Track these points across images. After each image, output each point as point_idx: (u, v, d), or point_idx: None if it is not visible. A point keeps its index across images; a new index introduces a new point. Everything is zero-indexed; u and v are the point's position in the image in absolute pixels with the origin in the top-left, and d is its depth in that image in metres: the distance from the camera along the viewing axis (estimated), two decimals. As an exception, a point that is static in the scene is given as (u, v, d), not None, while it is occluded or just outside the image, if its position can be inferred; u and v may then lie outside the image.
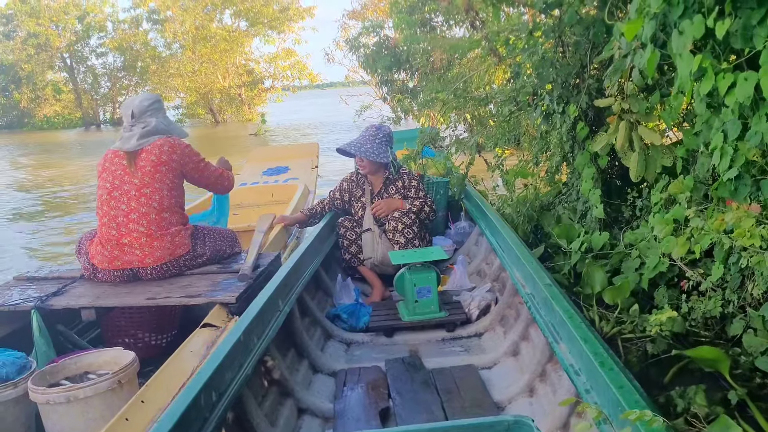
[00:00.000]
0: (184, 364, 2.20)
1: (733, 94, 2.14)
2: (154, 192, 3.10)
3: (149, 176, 3.10)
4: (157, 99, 3.30)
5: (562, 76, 3.71)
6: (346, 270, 3.94)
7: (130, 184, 3.10)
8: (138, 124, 3.18)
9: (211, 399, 1.73)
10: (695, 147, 2.92)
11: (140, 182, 3.09)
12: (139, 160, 3.13)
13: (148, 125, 3.17)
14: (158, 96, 3.37)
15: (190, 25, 30.29)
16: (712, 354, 2.31)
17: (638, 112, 3.13)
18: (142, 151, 3.14)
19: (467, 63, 7.67)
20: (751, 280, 2.44)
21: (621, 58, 2.99)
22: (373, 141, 3.87)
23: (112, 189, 3.11)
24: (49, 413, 2.20)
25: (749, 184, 2.38)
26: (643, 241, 3.14)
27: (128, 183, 3.10)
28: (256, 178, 6.35)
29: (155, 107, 3.25)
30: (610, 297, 3.05)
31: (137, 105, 3.20)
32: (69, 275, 3.26)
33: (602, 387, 1.64)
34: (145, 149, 3.14)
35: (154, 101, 3.27)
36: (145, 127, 3.17)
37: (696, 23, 2.16)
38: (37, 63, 33.96)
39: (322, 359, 2.76)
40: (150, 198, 3.09)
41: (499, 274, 3.45)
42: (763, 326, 2.40)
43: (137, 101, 3.24)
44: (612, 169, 3.82)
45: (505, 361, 2.67)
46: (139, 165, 3.12)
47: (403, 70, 11.40)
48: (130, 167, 3.11)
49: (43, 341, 2.66)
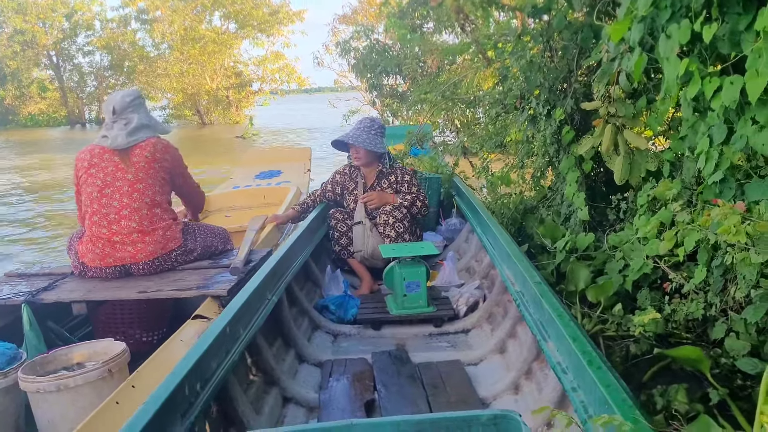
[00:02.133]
0: (175, 352, 2.21)
1: (719, 98, 2.16)
2: (147, 187, 3.12)
3: (143, 171, 3.13)
4: (138, 95, 3.32)
5: (550, 81, 3.75)
6: (336, 262, 3.96)
7: (123, 179, 3.10)
8: (120, 120, 3.19)
9: (197, 385, 1.72)
10: (682, 151, 2.97)
11: (134, 177, 3.11)
12: (132, 156, 3.14)
13: (130, 121, 3.19)
14: (139, 92, 3.38)
15: (178, 25, 30.15)
16: (694, 354, 2.33)
17: (624, 116, 3.18)
18: (135, 147, 3.16)
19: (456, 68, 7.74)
20: (734, 283, 2.47)
21: (609, 62, 3.03)
22: (369, 132, 3.90)
23: (104, 186, 3.10)
24: (39, 402, 2.20)
25: (734, 187, 2.42)
26: (627, 243, 3.18)
27: (121, 179, 3.10)
28: (249, 181, 6.39)
29: (136, 103, 3.27)
30: (593, 295, 3.07)
31: (119, 101, 3.22)
32: (60, 272, 3.28)
33: (589, 385, 1.64)
34: (139, 146, 3.16)
35: (135, 97, 3.29)
36: (127, 123, 3.18)
37: (683, 28, 2.20)
38: (22, 60, 33.59)
39: (309, 349, 2.77)
40: (143, 193, 3.11)
41: (488, 272, 3.48)
42: (746, 329, 2.43)
43: (118, 97, 3.25)
44: (596, 174, 3.86)
45: (491, 358, 2.69)
46: (132, 161, 3.13)
47: (393, 75, 11.44)
48: (123, 163, 3.12)
49: (33, 335, 2.67)
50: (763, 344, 2.37)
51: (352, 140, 3.89)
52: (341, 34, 16.75)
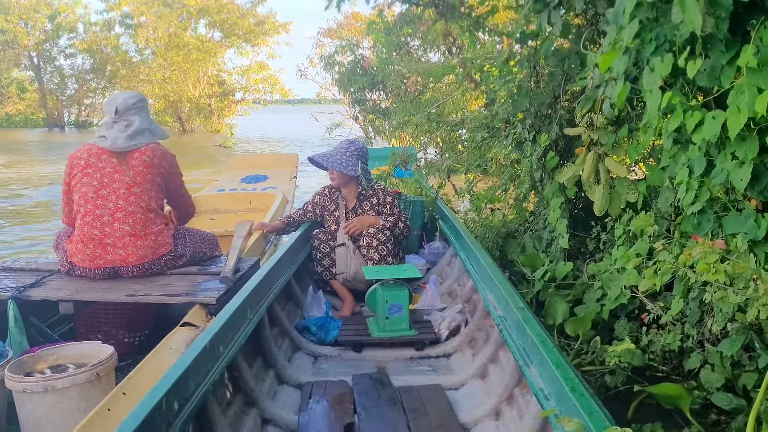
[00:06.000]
0: (164, 359, 2.22)
1: (701, 131, 2.19)
2: (143, 192, 3.12)
3: (141, 176, 3.13)
4: (142, 98, 3.33)
5: (535, 106, 3.80)
6: (318, 282, 3.94)
7: (120, 182, 3.09)
8: (121, 120, 3.18)
9: (176, 405, 1.70)
10: (659, 183, 3.01)
11: (131, 181, 3.10)
12: (130, 159, 3.14)
13: (131, 123, 3.18)
14: (144, 96, 3.40)
15: (163, 32, 30.00)
16: (674, 391, 2.34)
17: (606, 144, 3.22)
18: (134, 151, 3.16)
19: (441, 88, 7.79)
20: (710, 315, 2.51)
21: (593, 88, 3.08)
22: (344, 154, 3.90)
23: (100, 187, 3.09)
24: (24, 402, 2.20)
25: (712, 219, 2.45)
26: (606, 272, 3.21)
27: (118, 181, 3.09)
28: (234, 184, 6.40)
29: (139, 106, 3.27)
30: (572, 328, 3.10)
31: (122, 102, 3.21)
32: (47, 267, 3.26)
33: (572, 412, 1.64)
34: (138, 150, 3.16)
35: (140, 100, 3.29)
36: (128, 125, 3.17)
37: (666, 61, 2.24)
38: (2, 60, 33.09)
39: (289, 370, 2.74)
40: (139, 197, 3.11)
41: (470, 296, 3.48)
42: (721, 362, 2.46)
43: (122, 98, 3.24)
44: (578, 201, 3.91)
45: (472, 383, 2.68)
46: (131, 164, 3.13)
47: (376, 91, 11.50)
48: (121, 165, 3.11)
49: (17, 331, 2.67)
50: (737, 378, 2.40)
51: (322, 160, 3.91)
52: (326, 47, 16.81)
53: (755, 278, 2.06)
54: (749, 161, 2.10)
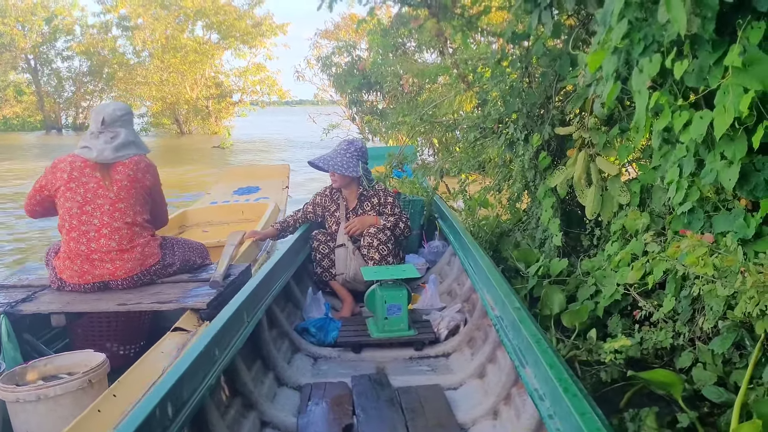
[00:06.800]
0: (155, 363, 2.25)
1: (689, 131, 2.20)
2: (127, 207, 3.12)
3: (125, 191, 3.12)
4: (129, 111, 3.33)
5: (528, 106, 3.82)
6: (317, 284, 3.96)
7: (104, 197, 3.09)
8: (107, 131, 3.17)
9: (172, 408, 1.70)
10: (652, 182, 3.04)
11: (115, 197, 3.10)
12: (114, 173, 3.13)
13: (116, 135, 3.18)
14: (130, 108, 3.40)
15: (160, 34, 29.96)
16: (667, 377, 2.36)
17: (597, 144, 3.25)
18: (117, 164, 3.15)
19: (437, 89, 7.81)
20: (702, 313, 2.54)
21: (584, 87, 3.10)
22: (344, 155, 3.92)
23: (84, 203, 3.08)
24: (17, 412, 2.22)
25: (702, 218, 2.47)
26: (600, 269, 3.23)
27: (102, 197, 3.09)
28: (227, 196, 6.39)
29: (126, 119, 3.27)
30: (568, 320, 3.12)
31: (110, 113, 3.20)
32: (38, 283, 3.26)
33: (565, 413, 1.64)
34: (122, 163, 3.15)
35: (126, 112, 3.29)
36: (114, 137, 3.16)
37: (654, 62, 2.26)
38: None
39: (288, 372, 2.76)
40: (124, 213, 3.10)
41: (469, 295, 3.49)
42: (712, 360, 2.48)
43: (110, 109, 3.24)
44: (572, 198, 3.93)
45: (470, 383, 2.69)
46: (114, 178, 3.12)
47: (373, 92, 11.52)
48: (104, 180, 3.10)
49: (11, 346, 2.67)
50: (729, 375, 2.43)
51: (323, 164, 3.92)
52: (323, 48, 16.83)
53: (743, 271, 2.08)
54: (737, 161, 2.12)
